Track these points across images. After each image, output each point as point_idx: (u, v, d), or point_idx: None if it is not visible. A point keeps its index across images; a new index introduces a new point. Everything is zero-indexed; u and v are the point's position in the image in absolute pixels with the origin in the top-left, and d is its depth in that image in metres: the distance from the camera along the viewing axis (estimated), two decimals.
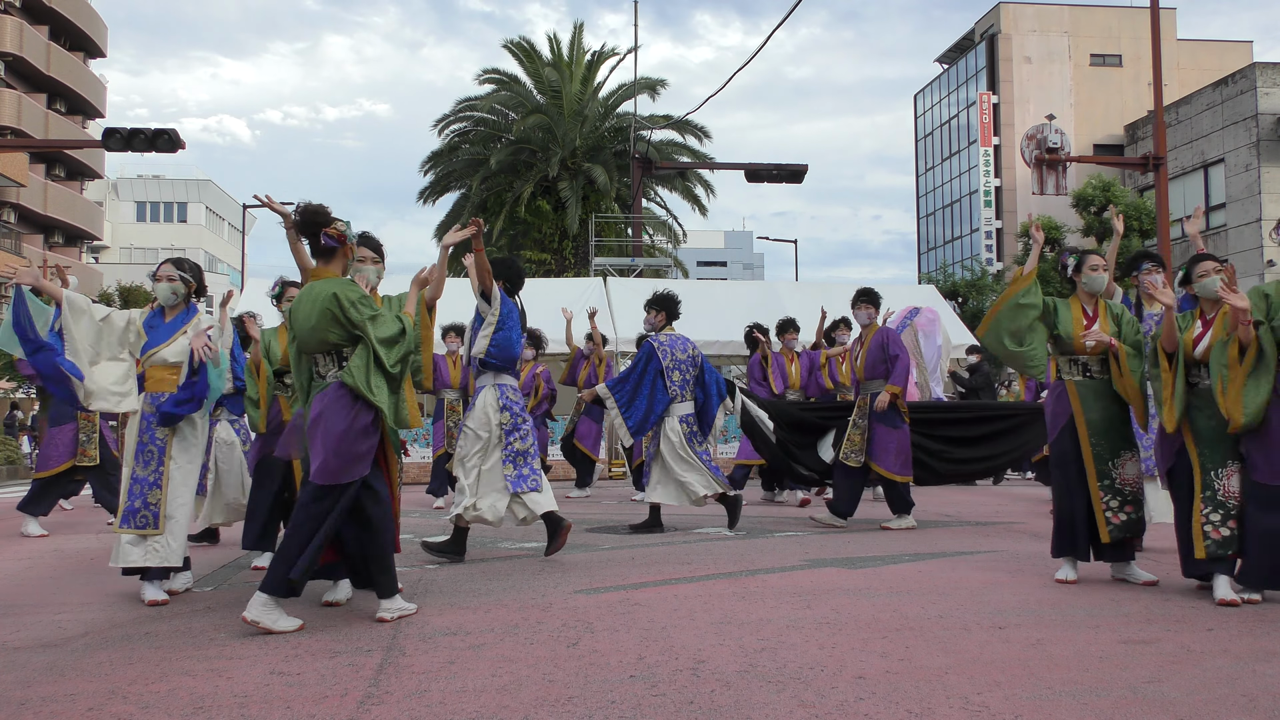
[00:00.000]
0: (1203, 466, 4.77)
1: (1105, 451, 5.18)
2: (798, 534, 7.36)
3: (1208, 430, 4.77)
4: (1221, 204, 30.29)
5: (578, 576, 5.51)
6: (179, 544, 4.98)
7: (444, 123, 28.44)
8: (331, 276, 4.49)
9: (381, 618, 4.37)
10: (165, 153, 16.03)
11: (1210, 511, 4.71)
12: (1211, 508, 4.72)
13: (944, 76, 49.95)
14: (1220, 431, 4.74)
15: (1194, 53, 43.57)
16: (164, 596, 4.92)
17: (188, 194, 57.20)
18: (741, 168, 20.47)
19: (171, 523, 4.95)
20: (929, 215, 51.35)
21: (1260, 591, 4.63)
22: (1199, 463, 4.78)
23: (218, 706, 3.19)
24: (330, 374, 4.40)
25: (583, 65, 28.42)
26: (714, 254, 75.90)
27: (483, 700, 3.22)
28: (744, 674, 3.49)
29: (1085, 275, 5.38)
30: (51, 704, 3.26)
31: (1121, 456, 5.19)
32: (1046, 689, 3.31)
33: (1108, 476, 5.16)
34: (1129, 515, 5.14)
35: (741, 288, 20.46)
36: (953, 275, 34.31)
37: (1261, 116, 29.14)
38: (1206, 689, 3.30)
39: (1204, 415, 4.80)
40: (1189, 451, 4.83)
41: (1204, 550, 4.69)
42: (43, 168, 36.99)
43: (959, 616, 4.41)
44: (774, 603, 4.72)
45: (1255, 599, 4.61)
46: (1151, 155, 17.31)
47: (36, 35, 35.44)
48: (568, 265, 27.02)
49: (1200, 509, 4.73)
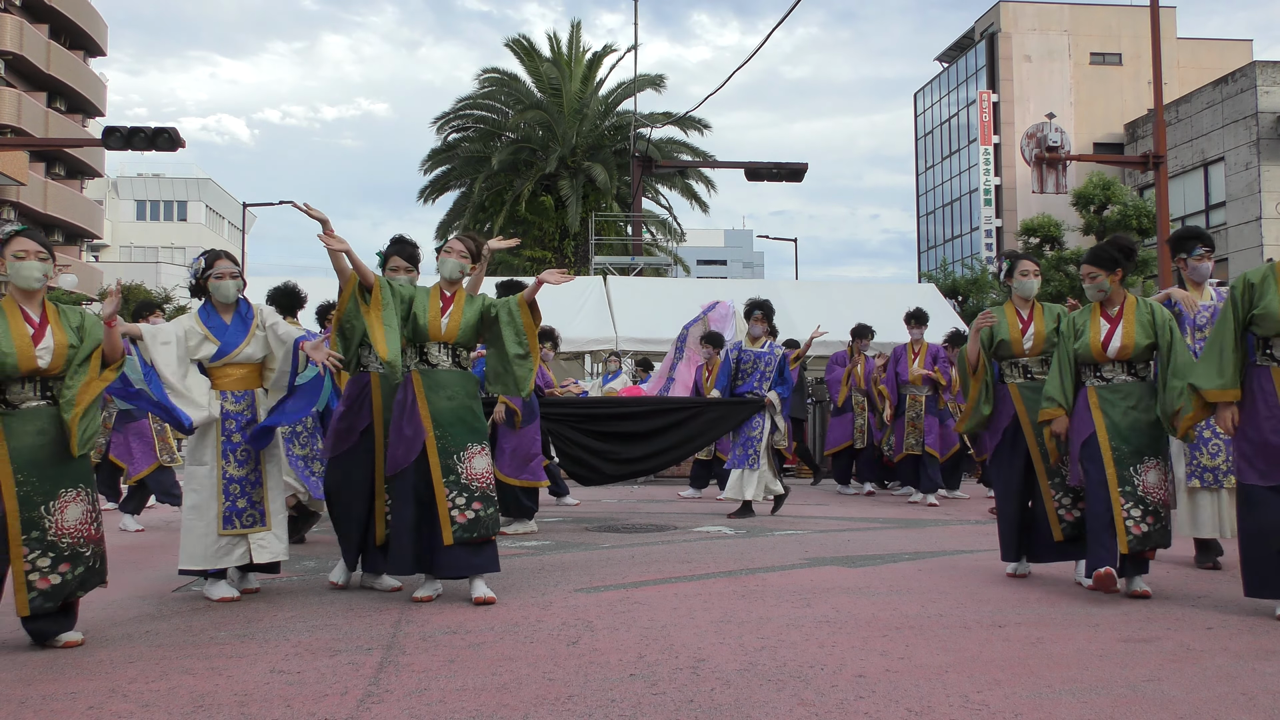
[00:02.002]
0: (1118, 461, 4.76)
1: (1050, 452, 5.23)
2: (797, 533, 7.37)
3: (1125, 425, 4.78)
4: (1221, 202, 30.28)
5: (577, 575, 5.51)
6: (285, 538, 5.11)
7: (444, 121, 28.45)
8: None
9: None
10: (165, 151, 16.04)
11: (1131, 506, 4.71)
12: (1132, 503, 4.71)
13: (944, 75, 49.92)
14: (1139, 425, 4.77)
15: (1194, 51, 43.52)
16: (236, 594, 4.94)
17: (188, 193, 57.15)
18: (742, 166, 20.47)
19: (277, 518, 5.06)
20: (929, 214, 51.32)
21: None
22: (1113, 458, 4.76)
23: (218, 705, 3.19)
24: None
25: (582, 63, 28.42)
26: (714, 253, 75.83)
27: (482, 699, 3.23)
28: (744, 672, 3.49)
29: (1016, 280, 5.51)
30: (52, 702, 3.26)
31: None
32: (1046, 687, 3.31)
33: (1058, 475, 5.19)
34: (1080, 512, 5.13)
35: (742, 286, 20.46)
36: (953, 274, 34.28)
37: (1261, 115, 29.12)
38: (1206, 687, 3.30)
39: (1119, 410, 4.81)
40: (1100, 447, 4.80)
41: (1126, 545, 4.69)
42: (43, 166, 36.96)
43: (958, 615, 4.41)
44: (774, 601, 4.72)
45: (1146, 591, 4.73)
46: (1151, 154, 17.31)
47: (36, 34, 35.40)
48: (568, 264, 27.03)
49: (1120, 504, 4.71)
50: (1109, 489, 4.75)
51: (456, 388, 4.96)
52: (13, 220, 34.66)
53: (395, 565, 4.92)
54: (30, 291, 4.05)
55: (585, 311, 14.83)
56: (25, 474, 3.93)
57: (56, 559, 3.97)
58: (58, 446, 4.00)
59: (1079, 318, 5.03)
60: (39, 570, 3.94)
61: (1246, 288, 4.47)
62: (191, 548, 4.87)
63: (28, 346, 3.93)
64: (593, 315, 14.90)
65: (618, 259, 20.85)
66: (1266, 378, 4.41)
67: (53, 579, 3.96)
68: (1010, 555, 5.38)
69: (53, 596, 3.96)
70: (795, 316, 14.15)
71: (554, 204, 26.82)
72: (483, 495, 4.86)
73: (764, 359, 8.37)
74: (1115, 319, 4.92)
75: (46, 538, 3.96)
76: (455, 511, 4.78)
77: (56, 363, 4.00)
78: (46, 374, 4.00)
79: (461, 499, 4.81)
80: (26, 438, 3.93)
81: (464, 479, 4.84)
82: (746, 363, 8.38)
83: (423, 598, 4.84)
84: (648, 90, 27.83)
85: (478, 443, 4.94)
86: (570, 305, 12.27)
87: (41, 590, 3.94)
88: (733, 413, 8.19)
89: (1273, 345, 4.41)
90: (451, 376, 4.99)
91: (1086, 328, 4.95)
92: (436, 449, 4.84)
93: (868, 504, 9.78)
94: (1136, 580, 4.84)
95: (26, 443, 3.94)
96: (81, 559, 4.05)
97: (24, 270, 4.03)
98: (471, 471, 4.86)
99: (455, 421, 4.91)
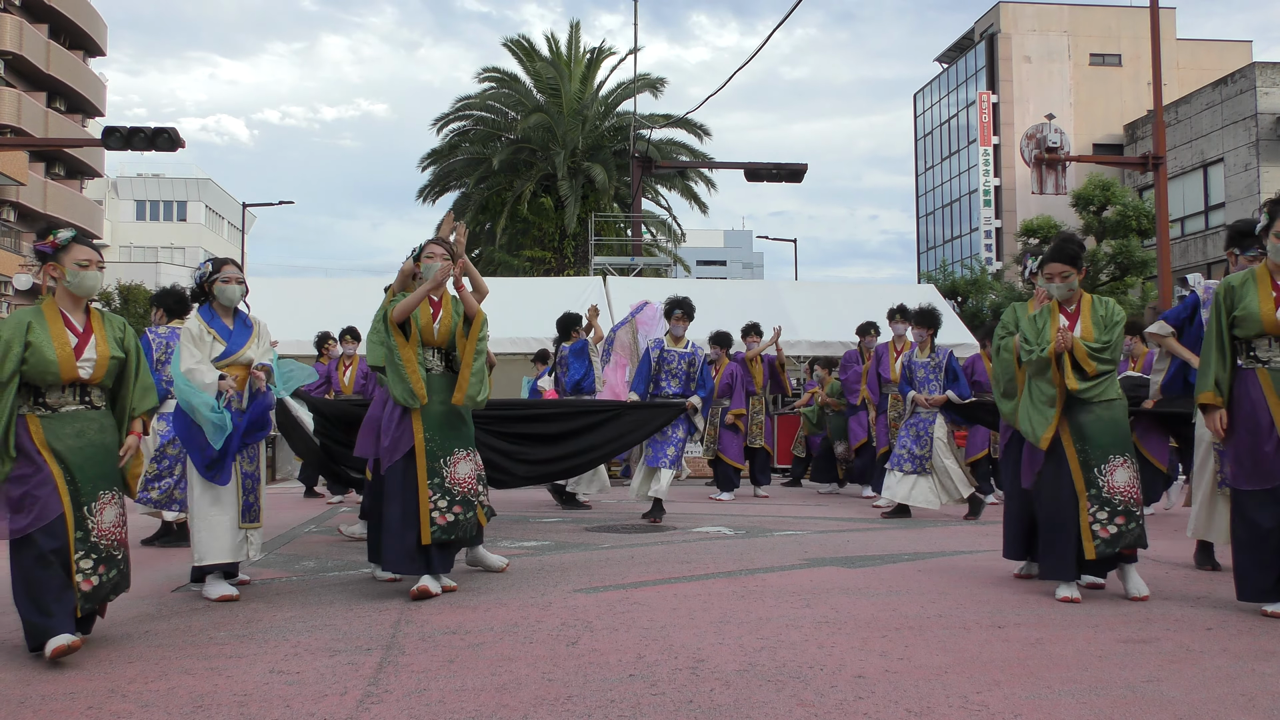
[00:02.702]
0: (1084, 464, 4.69)
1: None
2: (797, 533, 7.37)
3: (1090, 425, 4.71)
4: (1221, 203, 30.27)
5: (577, 576, 5.51)
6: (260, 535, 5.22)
7: (443, 121, 28.45)
8: None
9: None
10: (165, 151, 16.06)
11: (1097, 510, 4.64)
12: (1098, 505, 4.64)
13: (944, 76, 49.94)
14: (1103, 425, 4.70)
15: (1193, 52, 43.52)
16: (236, 593, 4.96)
17: (187, 193, 57.13)
18: (741, 167, 20.46)
19: (264, 514, 5.19)
20: (928, 214, 51.33)
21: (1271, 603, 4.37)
22: (1079, 461, 4.70)
23: (217, 705, 3.19)
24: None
25: (582, 64, 28.44)
26: (714, 253, 75.86)
27: (482, 699, 3.23)
28: (743, 673, 3.49)
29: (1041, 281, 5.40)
30: (51, 702, 3.26)
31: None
32: (1046, 688, 3.31)
33: (1095, 485, 5.12)
34: (1118, 527, 5.06)
35: (742, 287, 20.47)
36: (953, 274, 34.30)
37: (1261, 116, 29.12)
38: (1205, 688, 3.30)
39: (1084, 410, 4.72)
40: (1065, 452, 4.73)
41: (1094, 550, 4.61)
42: (42, 166, 36.99)
43: (958, 615, 4.41)
44: (773, 602, 4.72)
45: (1145, 595, 4.66)
46: (1151, 155, 17.33)
47: (36, 34, 35.41)
48: (568, 264, 27.04)
49: (1086, 508, 4.65)
50: (1076, 492, 4.68)
51: (448, 393, 5.02)
52: (12, 221, 34.67)
53: (391, 564, 4.95)
54: (79, 299, 4.03)
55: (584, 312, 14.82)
56: (68, 474, 3.88)
57: (97, 560, 3.92)
58: (95, 449, 3.96)
59: (1038, 318, 4.92)
60: (82, 571, 3.87)
61: (1228, 291, 4.47)
62: (216, 542, 4.91)
63: (70, 357, 3.91)
64: None
65: (617, 259, 20.85)
66: (1253, 381, 4.40)
67: (94, 580, 3.91)
68: (1013, 553, 5.29)
69: (93, 599, 3.91)
70: (795, 317, 14.17)
71: (554, 204, 26.82)
72: (464, 499, 4.94)
73: (686, 359, 8.25)
74: (1074, 316, 4.87)
75: (90, 538, 3.90)
76: (436, 514, 4.86)
77: (98, 374, 3.97)
78: (88, 384, 3.97)
79: (444, 502, 4.89)
80: (67, 439, 3.89)
81: (448, 482, 4.92)
82: (670, 363, 8.24)
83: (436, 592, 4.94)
84: (647, 92, 27.86)
85: (464, 448, 5.03)
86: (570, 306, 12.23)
87: (84, 592, 3.87)
88: (653, 416, 7.92)
89: (1256, 347, 4.41)
90: (444, 382, 5.05)
91: (1046, 328, 4.86)
92: (424, 451, 4.92)
93: (867, 505, 9.77)
94: (1134, 578, 4.74)
95: (67, 444, 3.89)
96: (114, 562, 4.00)
97: (87, 281, 4.01)
98: (455, 476, 4.94)
99: (444, 426, 4.99)
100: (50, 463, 3.83)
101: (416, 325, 5.00)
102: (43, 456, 3.84)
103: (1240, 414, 4.44)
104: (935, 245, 49.72)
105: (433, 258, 5.16)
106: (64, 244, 4.00)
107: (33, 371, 3.83)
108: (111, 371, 4.02)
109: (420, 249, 5.32)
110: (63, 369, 3.88)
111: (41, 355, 3.84)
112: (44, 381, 3.87)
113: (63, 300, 4.01)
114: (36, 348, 3.84)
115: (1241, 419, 4.43)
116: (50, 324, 3.92)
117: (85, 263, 3.99)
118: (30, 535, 3.77)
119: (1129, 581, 4.78)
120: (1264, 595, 4.34)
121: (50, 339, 3.89)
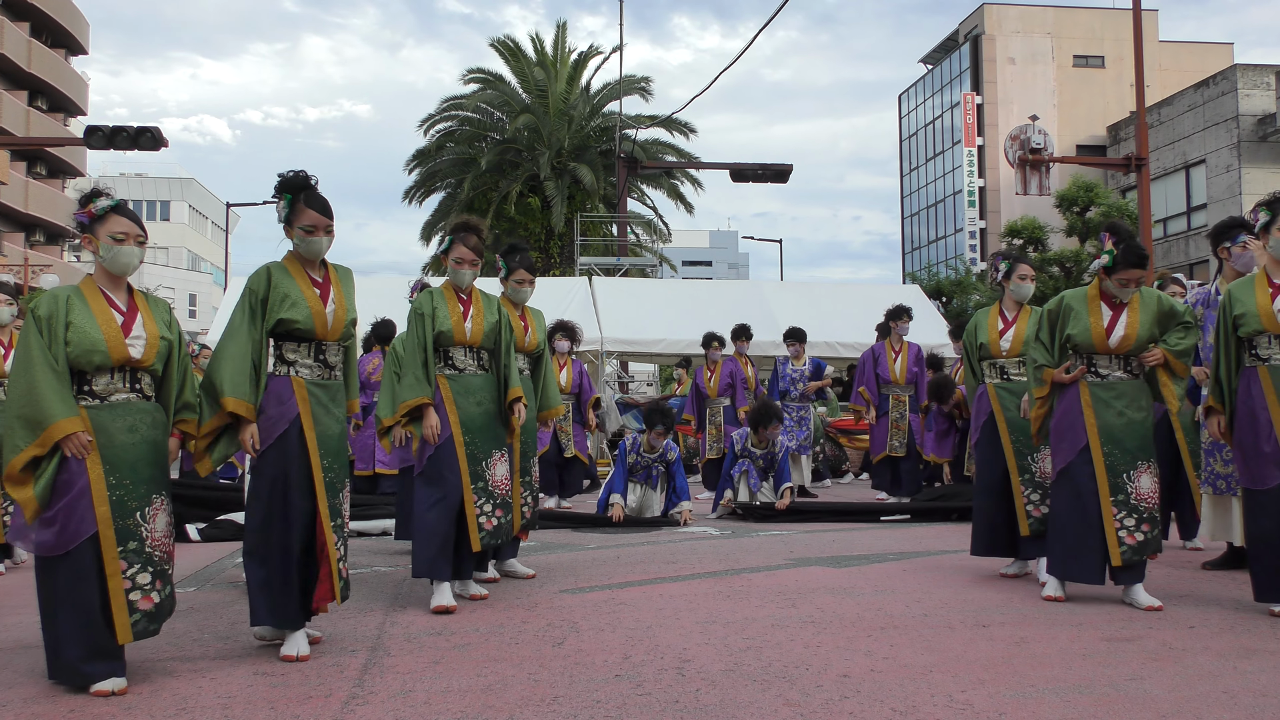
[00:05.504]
0: (1110, 468, 4.58)
1: (1025, 449, 5.24)
2: (783, 534, 7.38)
3: (1119, 427, 4.59)
4: (1203, 204, 30.48)
5: (563, 576, 5.50)
6: None
7: (429, 122, 28.37)
8: None
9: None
10: (148, 151, 15.99)
11: (1124, 516, 4.55)
12: (1125, 512, 4.55)
13: (928, 77, 50.11)
14: (1131, 429, 4.59)
15: (1175, 54, 43.81)
16: None
17: (170, 192, 56.83)
18: (727, 167, 20.50)
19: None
20: (913, 215, 51.51)
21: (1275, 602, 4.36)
22: (1105, 464, 4.58)
23: (201, 707, 3.17)
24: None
25: (568, 65, 28.39)
26: (699, 254, 75.97)
27: (468, 700, 3.22)
28: (729, 673, 3.49)
29: (1014, 283, 5.51)
30: (33, 705, 3.23)
31: (1041, 452, 5.18)
32: (1030, 686, 3.32)
33: (1028, 471, 5.23)
34: (1045, 511, 5.09)
35: (727, 287, 20.48)
36: (937, 275, 34.41)
37: (1242, 118, 29.34)
38: (1188, 685, 3.32)
39: (1113, 411, 4.60)
40: (1091, 451, 4.60)
41: (1119, 557, 4.51)
42: (24, 165, 36.70)
43: (943, 615, 4.42)
44: (759, 602, 4.73)
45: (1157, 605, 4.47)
46: (1134, 156, 17.42)
47: (17, 31, 35.14)
48: (554, 264, 27.01)
49: (1112, 513, 4.55)
50: (1100, 498, 4.56)
51: (485, 393, 4.85)
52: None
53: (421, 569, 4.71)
54: (118, 277, 3.59)
55: (570, 312, 14.77)
56: (118, 476, 3.42)
57: (154, 574, 3.47)
58: (149, 446, 3.51)
59: (1075, 303, 4.70)
60: (140, 588, 3.41)
61: (1230, 296, 4.56)
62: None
63: (118, 335, 3.46)
64: (578, 316, 14.79)
65: (603, 260, 20.82)
66: (1255, 379, 4.45)
67: (154, 598, 3.46)
68: (981, 550, 5.42)
69: (156, 618, 3.48)
70: (780, 317, 14.16)
71: (540, 205, 26.79)
72: (503, 502, 4.86)
73: (660, 462, 8.14)
74: (1119, 308, 4.65)
75: (144, 549, 3.44)
76: (483, 518, 4.76)
77: (149, 355, 3.52)
78: (138, 365, 3.51)
79: (489, 506, 4.79)
80: (118, 435, 3.44)
81: (490, 486, 4.80)
82: (641, 465, 8.25)
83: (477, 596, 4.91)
84: (636, 95, 27.85)
85: (500, 449, 4.89)
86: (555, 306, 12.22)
87: (145, 611, 3.43)
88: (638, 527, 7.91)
89: (1257, 345, 4.47)
90: (479, 381, 4.86)
91: (1085, 314, 4.64)
92: (465, 455, 4.74)
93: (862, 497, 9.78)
94: (1140, 591, 4.56)
95: (118, 440, 3.44)
96: (168, 577, 3.54)
97: (123, 256, 3.54)
98: (495, 478, 4.82)
99: (483, 428, 4.82)
100: (92, 467, 3.39)
101: (445, 325, 4.75)
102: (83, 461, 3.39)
103: (1242, 412, 4.50)
104: (920, 246, 49.90)
105: (462, 264, 4.88)
106: (100, 214, 3.53)
107: (77, 352, 3.39)
108: (161, 354, 3.57)
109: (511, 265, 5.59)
110: (112, 349, 3.43)
111: (86, 334, 3.40)
112: (90, 364, 3.42)
113: (101, 278, 3.56)
114: (79, 327, 3.41)
115: (1243, 417, 4.49)
116: (91, 301, 3.49)
117: (122, 236, 3.53)
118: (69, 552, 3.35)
119: (1134, 594, 4.61)
120: (1274, 595, 4.36)
121: (93, 318, 3.45)
